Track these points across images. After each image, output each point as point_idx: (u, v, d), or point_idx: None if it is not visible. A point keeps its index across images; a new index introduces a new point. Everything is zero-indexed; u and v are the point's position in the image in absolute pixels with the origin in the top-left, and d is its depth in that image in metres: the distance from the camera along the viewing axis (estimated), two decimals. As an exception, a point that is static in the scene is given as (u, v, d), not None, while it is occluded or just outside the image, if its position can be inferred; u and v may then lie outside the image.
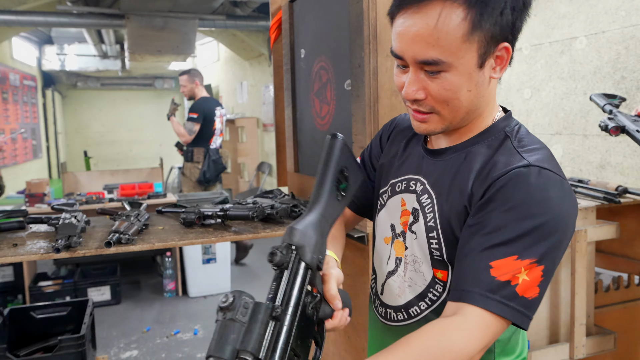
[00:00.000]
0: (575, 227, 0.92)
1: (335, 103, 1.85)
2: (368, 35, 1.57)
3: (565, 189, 0.84)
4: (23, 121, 8.58)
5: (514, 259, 0.80)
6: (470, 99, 0.88)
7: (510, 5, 0.83)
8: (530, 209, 0.80)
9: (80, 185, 5.32)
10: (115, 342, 3.47)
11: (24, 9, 6.03)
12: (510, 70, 3.68)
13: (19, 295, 3.96)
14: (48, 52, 10.09)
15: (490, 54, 0.86)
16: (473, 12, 0.81)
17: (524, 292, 0.79)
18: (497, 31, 0.84)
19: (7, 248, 1.49)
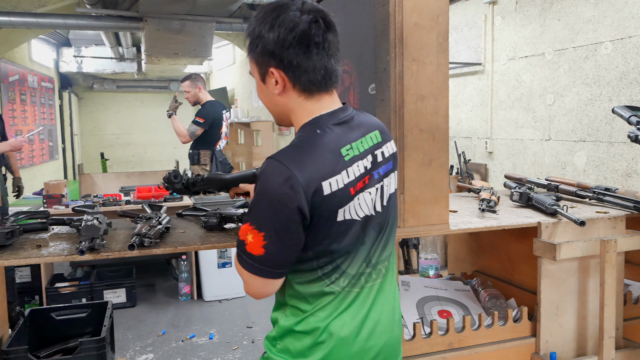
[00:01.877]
0: (286, 195, 1.07)
1: (358, 107, 1.82)
2: (394, 39, 1.55)
3: (274, 171, 1.08)
4: (40, 122, 8.67)
5: (247, 224, 1.11)
6: (268, 104, 1.24)
7: (261, 45, 1.14)
8: (257, 189, 1.11)
9: (96, 187, 5.35)
10: (131, 345, 3.47)
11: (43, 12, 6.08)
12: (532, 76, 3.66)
13: (36, 296, 3.98)
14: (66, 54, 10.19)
15: (266, 73, 1.17)
16: (248, 43, 1.18)
17: (251, 249, 1.11)
18: (261, 59, 1.16)
19: (31, 249, 1.48)
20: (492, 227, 1.72)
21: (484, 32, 4.52)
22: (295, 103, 1.18)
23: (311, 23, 1.12)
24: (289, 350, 1.19)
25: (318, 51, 1.13)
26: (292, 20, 1.11)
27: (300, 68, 1.13)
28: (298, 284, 1.17)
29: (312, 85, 1.15)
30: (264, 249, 1.09)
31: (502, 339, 1.77)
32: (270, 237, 1.09)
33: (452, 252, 2.49)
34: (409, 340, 1.67)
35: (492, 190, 2.15)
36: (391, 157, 1.25)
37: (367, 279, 1.21)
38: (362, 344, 1.19)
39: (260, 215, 1.09)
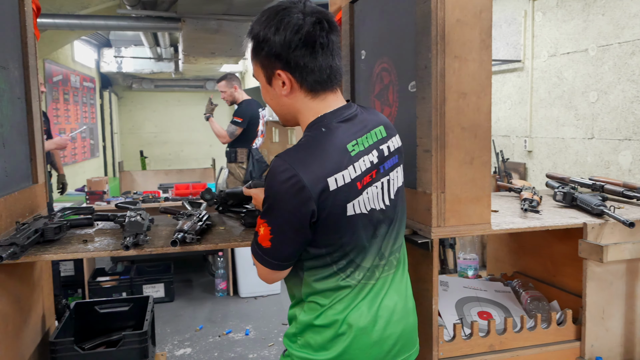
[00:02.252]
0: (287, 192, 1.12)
1: (397, 105, 1.81)
2: (435, 35, 1.53)
3: (279, 170, 1.12)
4: (82, 121, 8.91)
5: (260, 217, 1.18)
6: (275, 105, 1.27)
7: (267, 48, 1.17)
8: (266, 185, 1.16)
9: (136, 184, 5.47)
10: (170, 339, 3.53)
11: (86, 13, 6.25)
12: (574, 72, 3.57)
13: (78, 290, 4.10)
14: (106, 55, 10.43)
15: (272, 76, 1.21)
16: (252, 46, 1.22)
17: (261, 241, 1.18)
18: (267, 61, 1.20)
19: (77, 244, 1.52)
20: (535, 227, 1.68)
21: (523, 29, 4.43)
22: (301, 103, 1.23)
23: (315, 24, 1.16)
24: (310, 344, 1.23)
25: (323, 51, 1.18)
26: (297, 23, 1.15)
27: (306, 68, 1.18)
28: (314, 280, 1.22)
29: (318, 84, 1.20)
30: (270, 242, 1.16)
31: (545, 342, 1.73)
32: (275, 232, 1.15)
33: (492, 253, 2.45)
34: (448, 341, 1.65)
35: (533, 189, 2.10)
36: (396, 151, 1.30)
37: (381, 270, 1.26)
38: (380, 333, 1.24)
39: (268, 211, 1.16)
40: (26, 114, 1.83)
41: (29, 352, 1.70)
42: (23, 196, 1.70)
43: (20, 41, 1.80)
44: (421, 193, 1.60)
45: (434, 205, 1.55)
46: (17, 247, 1.32)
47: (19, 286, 1.63)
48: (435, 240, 1.58)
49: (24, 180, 1.77)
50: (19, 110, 1.76)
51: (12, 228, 1.56)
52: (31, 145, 1.85)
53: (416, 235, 1.63)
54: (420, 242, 1.59)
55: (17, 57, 1.77)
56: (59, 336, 1.84)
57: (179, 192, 4.50)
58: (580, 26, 3.79)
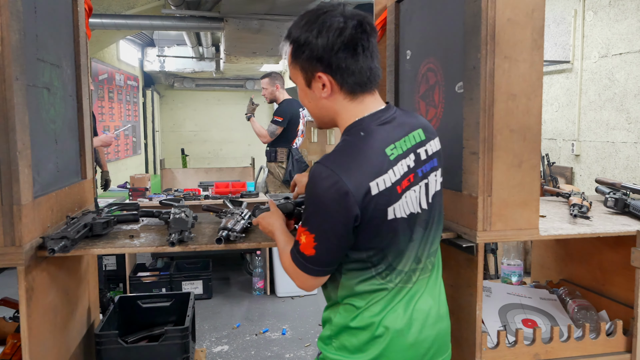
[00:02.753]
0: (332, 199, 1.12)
1: (443, 106, 1.78)
2: (485, 35, 1.49)
3: (321, 176, 1.13)
4: (125, 119, 9.13)
5: (301, 225, 1.19)
6: (313, 108, 1.28)
7: (309, 51, 1.18)
8: (307, 192, 1.17)
9: (176, 182, 5.56)
10: (207, 336, 3.58)
11: (132, 13, 6.40)
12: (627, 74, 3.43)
13: (120, 284, 4.20)
14: (150, 54, 10.67)
15: (312, 78, 1.21)
16: (292, 49, 1.22)
17: (304, 250, 1.18)
18: (307, 64, 1.20)
19: (124, 239, 1.55)
20: (585, 234, 1.63)
21: (573, 28, 4.30)
22: (340, 105, 1.24)
23: (357, 27, 1.17)
24: (345, 347, 1.23)
25: (364, 53, 1.19)
26: (339, 26, 1.16)
27: (348, 71, 1.19)
28: (352, 283, 1.22)
29: (358, 86, 1.21)
30: (314, 250, 1.16)
31: (593, 353, 1.67)
32: (320, 239, 1.16)
33: (537, 259, 2.38)
34: (492, 348, 1.61)
35: (583, 195, 2.03)
36: (435, 154, 1.29)
37: (418, 274, 1.26)
38: (416, 336, 1.24)
39: (310, 218, 1.16)
40: (77, 111, 1.88)
41: (75, 343, 1.74)
42: (73, 191, 1.74)
43: (72, 40, 1.85)
44: (467, 196, 1.57)
45: (480, 209, 1.52)
46: (68, 240, 1.35)
47: (67, 279, 1.68)
48: (481, 245, 1.54)
49: (73, 176, 1.82)
50: (71, 108, 1.81)
51: (62, 222, 1.60)
52: (81, 142, 1.90)
53: (460, 239, 1.60)
54: (465, 246, 1.56)
55: (69, 55, 1.82)
56: (103, 329, 1.88)
57: (218, 190, 4.56)
58: (635, 26, 3.65)
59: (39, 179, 1.45)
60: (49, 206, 1.49)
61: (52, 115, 1.59)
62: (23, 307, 1.30)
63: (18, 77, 1.28)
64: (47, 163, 1.54)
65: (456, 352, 1.68)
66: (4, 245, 1.27)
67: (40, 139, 1.48)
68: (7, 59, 1.24)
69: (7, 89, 1.24)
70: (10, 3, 1.25)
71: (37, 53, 1.48)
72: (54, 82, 1.62)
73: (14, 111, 1.25)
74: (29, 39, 1.40)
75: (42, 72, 1.52)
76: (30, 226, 1.33)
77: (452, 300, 1.69)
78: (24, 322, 1.30)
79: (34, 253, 1.35)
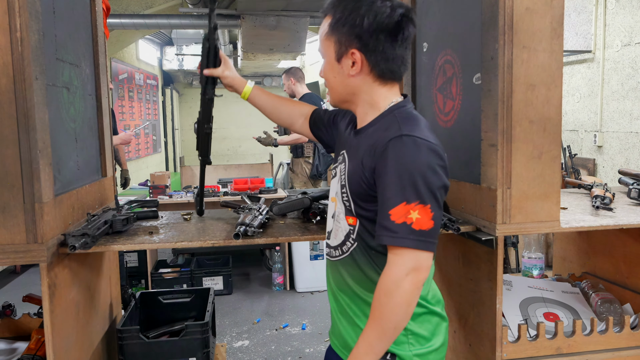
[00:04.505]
0: (441, 165, 1.14)
1: (461, 98, 1.76)
2: (503, 25, 1.47)
3: (416, 144, 1.12)
4: (145, 118, 9.23)
5: (403, 205, 1.09)
6: (336, 84, 1.27)
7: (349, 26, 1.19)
8: (400, 166, 1.10)
9: (196, 179, 5.60)
10: (228, 331, 3.60)
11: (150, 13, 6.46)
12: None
13: (142, 280, 4.25)
14: (168, 53, 10.76)
15: (344, 54, 1.22)
16: (332, 21, 1.22)
17: (420, 226, 1.09)
18: (344, 38, 1.20)
19: (143, 235, 1.57)
20: (608, 226, 1.59)
21: (594, 17, 4.21)
22: (368, 86, 1.25)
23: (403, 16, 1.19)
24: (421, 336, 1.23)
25: (402, 43, 1.21)
26: (386, 11, 1.18)
27: (383, 55, 1.20)
28: None
29: (389, 72, 1.23)
30: (433, 221, 1.11)
31: (617, 347, 1.64)
32: (435, 208, 1.11)
33: (558, 252, 2.35)
34: (513, 342, 1.59)
35: (605, 186, 2.00)
36: None
37: None
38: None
39: (420, 190, 1.10)
40: (96, 110, 1.90)
41: (97, 338, 1.77)
42: (93, 189, 1.77)
43: (91, 40, 1.87)
44: (485, 189, 1.55)
45: (499, 202, 1.50)
46: (89, 237, 1.37)
47: (89, 275, 1.70)
48: (500, 238, 1.53)
49: (94, 174, 1.84)
50: (90, 107, 1.84)
51: (83, 219, 1.62)
52: (101, 140, 1.92)
53: (480, 232, 1.58)
54: (484, 239, 1.54)
55: (88, 55, 1.84)
56: (125, 324, 1.91)
57: (237, 187, 4.58)
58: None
59: (60, 177, 1.47)
60: (70, 204, 1.52)
61: (72, 114, 1.61)
62: (46, 303, 1.32)
63: (38, 76, 1.30)
64: (68, 161, 1.56)
65: (477, 346, 1.66)
66: (26, 243, 1.30)
67: (61, 137, 1.50)
68: (27, 59, 1.26)
69: (27, 89, 1.26)
70: (29, 4, 1.27)
71: (57, 53, 1.50)
72: (73, 82, 1.64)
73: (34, 110, 1.27)
74: (48, 39, 1.42)
75: (62, 72, 1.54)
76: (52, 223, 1.35)
77: (472, 294, 1.68)
78: (47, 317, 1.32)
79: (56, 250, 1.37)
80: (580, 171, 4.26)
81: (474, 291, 1.66)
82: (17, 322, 1.93)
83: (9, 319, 1.92)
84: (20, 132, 1.27)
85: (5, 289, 4.64)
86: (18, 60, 1.25)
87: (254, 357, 3.22)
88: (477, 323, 1.66)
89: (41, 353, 1.59)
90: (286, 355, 3.24)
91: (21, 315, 1.94)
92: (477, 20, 1.59)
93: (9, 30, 1.24)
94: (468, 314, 1.72)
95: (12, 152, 1.27)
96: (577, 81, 4.50)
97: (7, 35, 1.24)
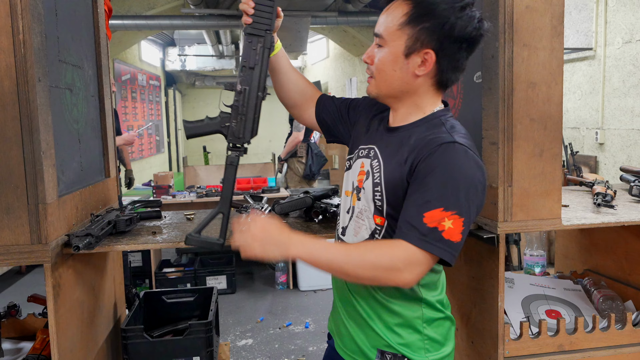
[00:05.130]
0: (483, 186, 1.12)
1: (462, 97, 1.76)
2: (503, 23, 1.47)
3: (467, 155, 1.09)
4: (148, 118, 9.25)
5: (440, 210, 1.05)
6: (394, 78, 1.17)
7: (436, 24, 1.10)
8: (447, 172, 1.07)
9: (199, 179, 5.62)
10: (232, 330, 3.62)
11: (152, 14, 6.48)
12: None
13: (146, 280, 4.27)
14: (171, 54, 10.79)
15: (416, 51, 1.13)
16: (413, 12, 1.12)
17: (450, 236, 1.05)
18: (423, 36, 1.11)
19: (147, 235, 1.58)
20: (609, 223, 1.60)
21: (595, 14, 4.21)
22: (424, 89, 1.20)
23: (485, 32, 1.16)
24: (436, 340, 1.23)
25: (470, 57, 1.18)
26: (474, 21, 1.12)
27: (455, 63, 1.16)
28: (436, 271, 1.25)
29: (450, 82, 1.20)
30: (461, 235, 1.07)
31: (619, 344, 1.64)
32: (467, 224, 1.08)
33: (560, 250, 2.35)
34: (515, 339, 1.60)
35: (607, 183, 2.00)
36: None
37: None
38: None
39: (460, 201, 1.06)
40: (99, 111, 1.92)
41: (102, 337, 1.78)
42: (97, 189, 1.78)
43: (93, 41, 1.88)
44: (487, 187, 1.56)
45: (501, 199, 1.50)
46: (92, 237, 1.38)
47: (93, 275, 1.71)
48: (502, 236, 1.53)
49: (97, 174, 1.85)
50: (93, 108, 1.85)
51: (87, 220, 1.63)
52: (104, 141, 1.93)
53: (481, 230, 1.59)
54: (485, 237, 1.55)
55: (90, 56, 1.85)
56: (129, 324, 1.92)
57: (240, 186, 4.59)
58: (659, 10, 3.56)
59: (64, 178, 1.48)
60: (73, 204, 1.53)
61: (75, 116, 1.62)
62: (50, 303, 1.33)
63: (40, 78, 1.31)
64: (71, 162, 1.57)
65: (479, 344, 1.67)
66: (30, 243, 1.31)
67: (64, 138, 1.51)
68: (30, 61, 1.27)
69: (30, 91, 1.27)
70: (31, 6, 1.28)
71: (59, 55, 1.51)
72: (76, 83, 1.65)
73: (37, 112, 1.28)
74: (50, 41, 1.43)
75: (64, 74, 1.55)
76: (55, 224, 1.37)
77: (474, 292, 1.68)
78: (51, 317, 1.33)
79: (60, 250, 1.38)
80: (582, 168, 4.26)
81: (476, 289, 1.67)
82: (22, 322, 1.95)
83: (14, 319, 1.93)
84: (24, 133, 1.28)
85: (10, 290, 4.67)
86: (21, 62, 1.26)
87: (257, 355, 3.24)
88: (479, 321, 1.66)
89: (46, 353, 1.61)
90: (290, 353, 3.25)
91: (26, 316, 1.96)
92: (478, 19, 1.59)
93: (12, 33, 1.25)
94: (470, 312, 1.72)
95: (15, 153, 1.28)
96: (578, 79, 4.50)
97: (10, 37, 1.25)
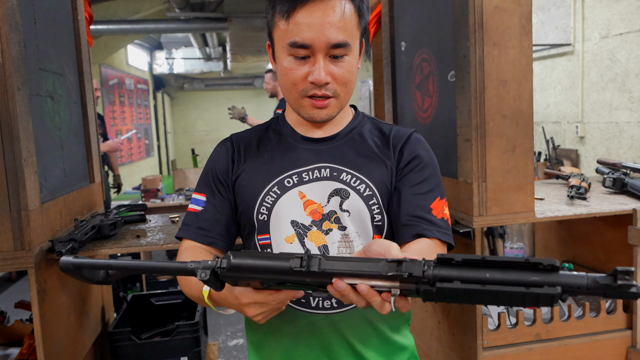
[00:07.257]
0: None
1: (438, 95, 1.81)
2: (474, 23, 1.51)
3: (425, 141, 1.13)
4: (137, 122, 9.24)
5: (439, 199, 1.05)
6: (355, 82, 1.05)
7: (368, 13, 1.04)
8: (431, 161, 1.09)
9: (189, 181, 5.63)
10: (223, 330, 3.64)
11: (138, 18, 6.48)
12: (628, 54, 3.41)
13: (137, 283, 4.28)
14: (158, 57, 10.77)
15: (362, 46, 1.06)
16: (356, 7, 0.99)
17: (450, 222, 1.09)
18: (362, 27, 1.02)
19: (131, 239, 1.61)
20: (581, 214, 1.65)
21: (573, 11, 4.27)
22: None
23: None
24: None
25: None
26: None
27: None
28: None
29: None
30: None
31: (594, 331, 1.69)
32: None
33: (541, 242, 2.40)
34: (493, 330, 1.64)
35: (582, 176, 2.05)
36: None
37: None
38: None
39: (442, 185, 1.10)
40: (82, 117, 1.94)
41: (90, 341, 1.81)
42: (81, 195, 1.80)
43: (74, 48, 1.90)
44: (462, 182, 1.60)
45: (475, 194, 1.55)
46: (76, 242, 1.41)
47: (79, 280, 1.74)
48: (477, 229, 1.57)
49: (81, 180, 1.87)
50: (76, 114, 1.87)
51: (71, 225, 1.66)
52: (87, 147, 1.95)
53: (458, 224, 1.63)
54: (462, 231, 1.59)
55: (72, 63, 1.87)
56: (117, 327, 1.94)
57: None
58: (634, 5, 3.62)
59: (47, 185, 1.51)
60: (57, 210, 1.55)
61: (57, 123, 1.64)
62: (35, 308, 1.35)
63: (20, 87, 1.33)
64: (54, 169, 1.60)
65: (459, 335, 1.71)
66: (14, 250, 1.33)
67: (46, 145, 1.53)
68: (9, 70, 1.29)
69: (9, 99, 1.29)
70: (8, 16, 1.30)
71: (39, 63, 1.53)
72: (57, 90, 1.68)
73: (17, 120, 1.30)
74: (29, 50, 1.45)
75: (45, 81, 1.57)
76: (39, 230, 1.39)
77: (453, 285, 1.72)
78: (37, 323, 1.35)
79: (43, 256, 1.41)
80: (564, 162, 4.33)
81: (455, 282, 1.71)
82: (10, 329, 1.97)
83: (2, 325, 1.95)
84: (5, 141, 1.30)
85: (0, 297, 4.66)
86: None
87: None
88: (459, 313, 1.71)
89: (33, 358, 1.63)
90: (280, 352, 3.28)
91: (14, 322, 1.98)
92: (450, 19, 1.64)
93: (-9, 44, 1.28)
94: (451, 305, 1.77)
95: (-3, 161, 1.30)
96: (558, 74, 4.57)
97: (-11, 48, 1.28)
